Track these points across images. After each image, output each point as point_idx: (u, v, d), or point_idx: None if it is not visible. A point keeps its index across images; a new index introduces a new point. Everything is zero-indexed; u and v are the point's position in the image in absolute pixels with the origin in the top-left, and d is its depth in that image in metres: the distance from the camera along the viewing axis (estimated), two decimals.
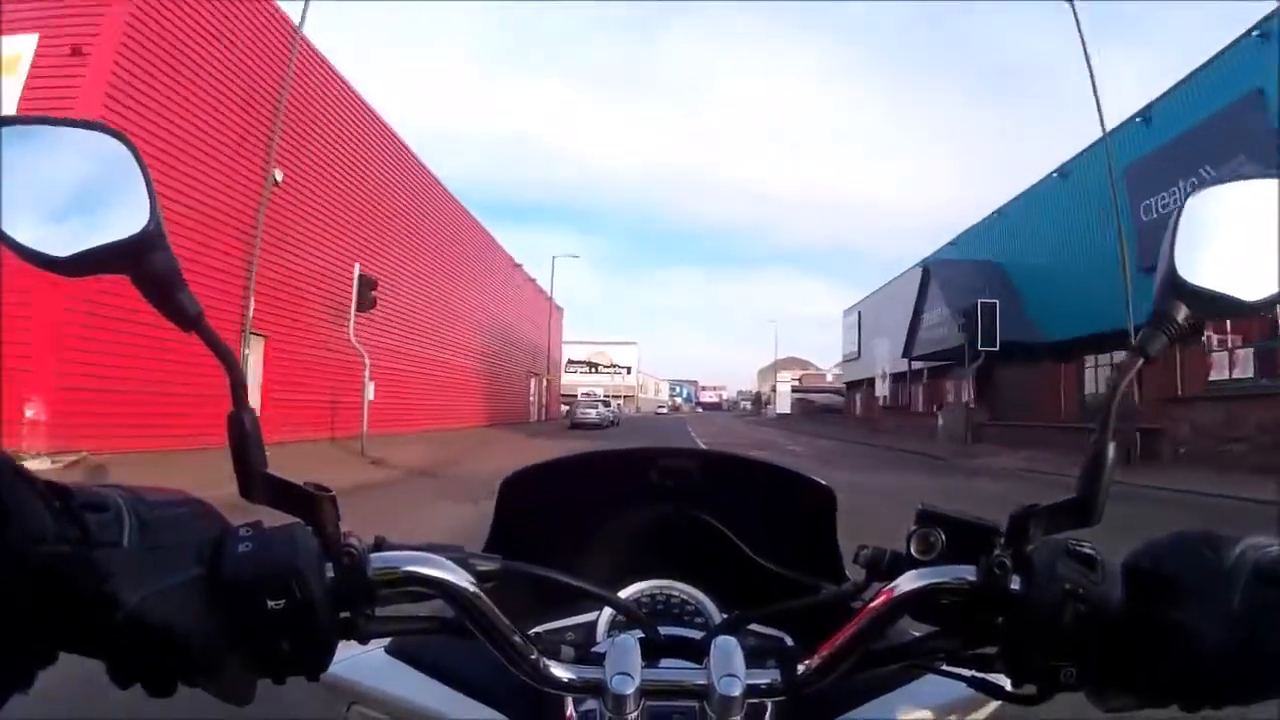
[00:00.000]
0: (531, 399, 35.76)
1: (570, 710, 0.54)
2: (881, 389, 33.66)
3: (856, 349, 46.21)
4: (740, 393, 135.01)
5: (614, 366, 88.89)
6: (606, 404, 37.11)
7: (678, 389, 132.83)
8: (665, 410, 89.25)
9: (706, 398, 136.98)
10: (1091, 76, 14.04)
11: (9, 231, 0.36)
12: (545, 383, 37.68)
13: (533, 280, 35.19)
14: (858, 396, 47.25)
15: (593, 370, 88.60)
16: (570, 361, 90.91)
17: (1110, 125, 14.60)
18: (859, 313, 46.98)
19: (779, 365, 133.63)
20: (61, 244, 0.37)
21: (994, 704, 0.47)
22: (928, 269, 28.38)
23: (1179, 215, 0.42)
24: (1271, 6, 13.38)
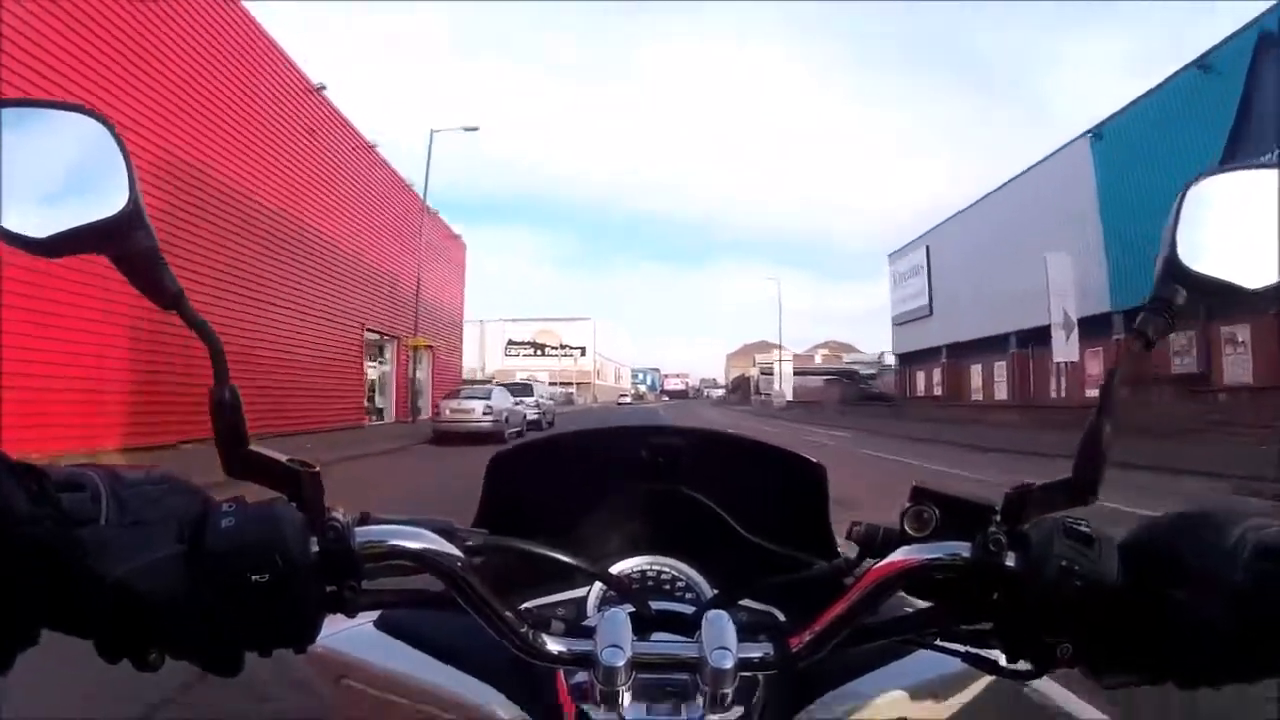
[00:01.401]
0: (379, 381, 18.76)
1: (560, 682, 0.53)
2: (1064, 348, 17.52)
3: (926, 302, 29.92)
4: (703, 380, 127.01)
5: (564, 348, 71.87)
6: (525, 390, 20.29)
7: (641, 375, 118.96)
8: (628, 399, 72.73)
9: (672, 385, 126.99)
10: None
11: None
12: (418, 356, 20.53)
13: (376, 152, 18.03)
14: (924, 374, 31.35)
15: (539, 352, 71.52)
16: (511, 343, 73.81)
17: None
18: (926, 248, 30.30)
19: (747, 350, 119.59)
20: (41, 225, 0.37)
21: (988, 679, 0.46)
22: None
23: (1181, 200, 0.42)
24: None
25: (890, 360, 64.09)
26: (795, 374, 62.38)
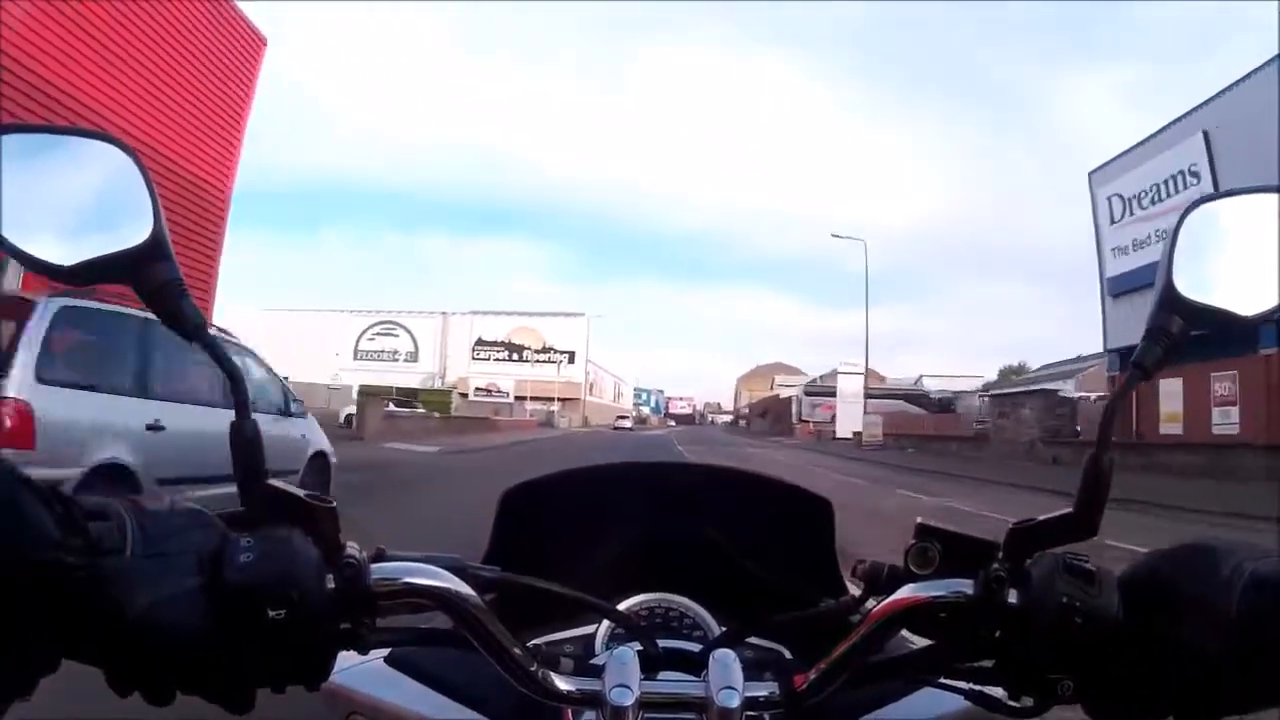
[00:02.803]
0: None
1: None
2: None
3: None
4: (706, 405, 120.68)
5: (549, 351, 56.79)
6: None
7: (645, 396, 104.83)
8: (628, 423, 57.25)
9: (678, 408, 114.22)
10: None
11: (13, 239, 0.36)
12: None
13: None
14: (1189, 384, 15.47)
15: (515, 356, 56.38)
16: (481, 343, 57.78)
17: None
18: (1204, 137, 15.03)
19: (761, 372, 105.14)
20: (65, 253, 0.37)
21: (991, 716, 0.46)
22: None
23: (1178, 227, 0.42)
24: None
25: (931, 386, 50.36)
26: (872, 395, 46.25)
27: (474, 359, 55.79)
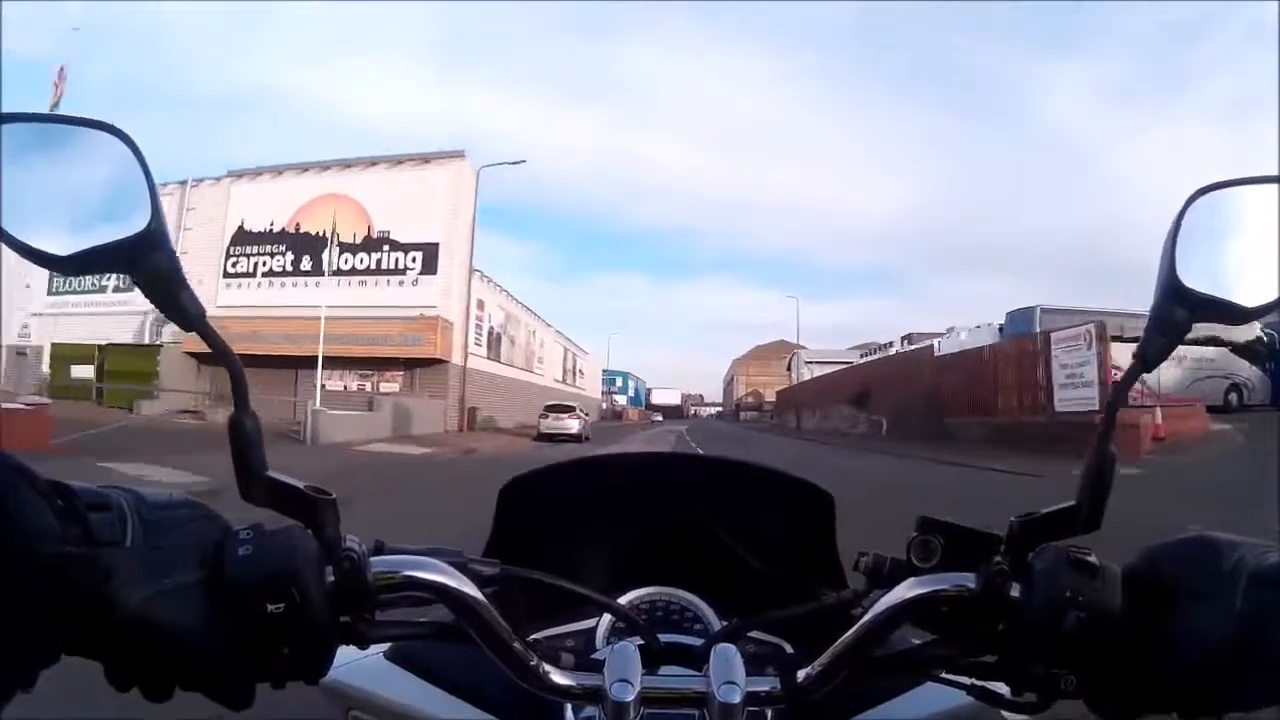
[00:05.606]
0: None
1: (569, 717, 0.54)
2: None
3: None
4: (688, 396, 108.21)
5: (384, 245, 23.15)
6: None
7: (620, 381, 74.89)
8: (574, 424, 24.19)
9: (664, 398, 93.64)
10: None
11: (10, 229, 0.36)
12: None
13: None
14: None
15: (300, 263, 22.68)
16: (242, 238, 19.48)
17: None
18: None
19: (763, 354, 76.76)
20: (63, 243, 0.37)
21: (994, 712, 0.46)
22: None
23: (1180, 216, 0.41)
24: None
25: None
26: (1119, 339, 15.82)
27: (227, 275, 24.05)
